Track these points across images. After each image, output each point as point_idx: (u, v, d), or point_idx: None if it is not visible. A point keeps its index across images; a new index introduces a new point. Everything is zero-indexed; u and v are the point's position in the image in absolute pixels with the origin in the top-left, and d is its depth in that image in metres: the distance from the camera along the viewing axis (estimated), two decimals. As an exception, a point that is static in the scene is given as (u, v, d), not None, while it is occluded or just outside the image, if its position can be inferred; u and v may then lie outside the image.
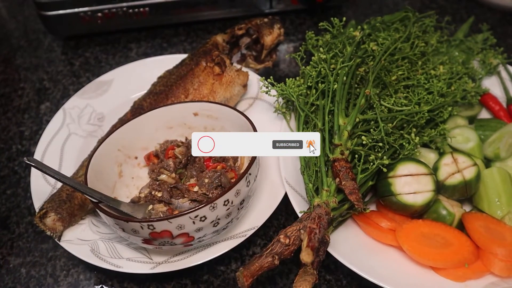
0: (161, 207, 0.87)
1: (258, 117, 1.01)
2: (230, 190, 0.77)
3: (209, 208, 0.76)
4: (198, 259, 0.84)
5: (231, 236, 0.87)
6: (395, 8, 1.41)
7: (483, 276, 0.81)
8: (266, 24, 1.12)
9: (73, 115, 1.10)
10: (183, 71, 1.06)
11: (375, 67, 0.92)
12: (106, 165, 0.91)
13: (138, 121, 0.94)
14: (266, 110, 1.06)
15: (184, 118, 0.97)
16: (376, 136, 0.84)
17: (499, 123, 0.99)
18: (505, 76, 1.10)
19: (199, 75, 1.04)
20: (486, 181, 0.89)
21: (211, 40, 1.11)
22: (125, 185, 0.95)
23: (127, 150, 0.96)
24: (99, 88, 1.15)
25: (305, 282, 0.71)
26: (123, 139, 0.94)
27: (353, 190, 0.76)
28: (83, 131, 1.07)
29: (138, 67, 1.17)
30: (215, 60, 1.05)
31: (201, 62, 1.05)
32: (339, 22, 1.03)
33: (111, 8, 1.25)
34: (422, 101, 0.92)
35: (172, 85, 1.04)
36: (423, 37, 1.05)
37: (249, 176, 0.80)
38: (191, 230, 0.77)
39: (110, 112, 1.11)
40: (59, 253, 0.92)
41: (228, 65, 1.05)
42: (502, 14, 1.39)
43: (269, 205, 0.90)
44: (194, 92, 1.03)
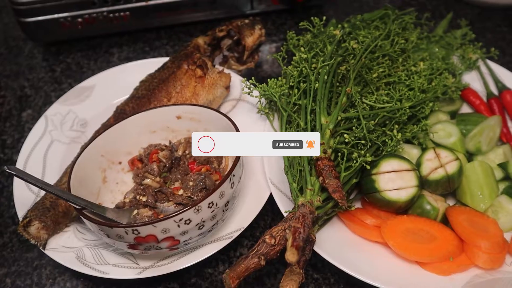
0: (146, 211, 0.87)
1: (241, 119, 1.01)
2: (214, 192, 0.77)
3: (193, 211, 0.75)
4: (184, 263, 0.84)
5: (217, 238, 0.87)
6: (375, 6, 1.42)
7: (467, 269, 0.82)
8: (247, 25, 1.12)
9: (55, 122, 1.09)
10: (165, 74, 1.05)
11: (356, 65, 0.92)
12: (90, 171, 0.91)
13: (120, 126, 0.94)
14: (249, 111, 1.06)
15: (167, 121, 0.97)
16: (359, 134, 0.84)
17: (480, 117, 1.00)
18: (484, 71, 1.11)
19: (181, 78, 1.04)
20: (469, 175, 0.90)
21: (192, 43, 1.10)
22: (109, 190, 0.95)
23: (111, 155, 0.95)
24: (81, 94, 1.14)
25: (292, 281, 0.71)
26: (106, 145, 0.93)
27: (337, 188, 0.76)
28: (66, 137, 1.07)
29: (120, 72, 1.17)
30: (197, 62, 1.05)
31: (183, 65, 1.05)
32: (319, 22, 1.04)
33: (91, 13, 1.24)
34: (404, 97, 0.93)
35: (154, 89, 1.04)
36: (403, 34, 1.06)
37: (233, 178, 0.80)
38: (176, 233, 0.77)
39: (93, 118, 1.10)
40: (44, 262, 0.92)
41: (210, 67, 1.05)
42: (481, 9, 1.40)
43: (255, 206, 0.90)
44: (176, 95, 1.03)
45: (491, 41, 1.31)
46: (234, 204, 0.86)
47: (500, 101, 1.06)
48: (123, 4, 1.25)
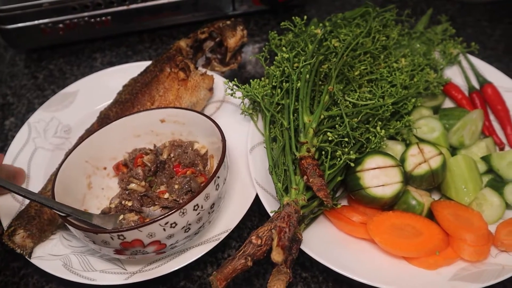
0: (132, 216, 0.87)
1: (226, 120, 1.02)
2: (199, 195, 0.77)
3: (179, 214, 0.75)
4: (172, 266, 0.84)
5: (204, 241, 0.87)
6: (357, 4, 1.43)
7: (454, 263, 0.83)
8: (229, 27, 1.11)
9: (38, 129, 1.08)
10: (147, 78, 1.05)
11: (338, 63, 0.93)
12: (74, 177, 0.90)
13: (104, 132, 0.93)
14: (233, 112, 1.06)
15: (151, 125, 0.97)
16: (342, 132, 0.85)
17: (462, 112, 1.01)
18: (465, 65, 1.12)
19: (164, 81, 1.04)
20: (453, 169, 0.91)
21: (174, 46, 1.10)
22: (95, 196, 0.94)
23: (95, 161, 0.95)
24: (65, 100, 1.13)
25: (279, 281, 0.71)
26: (90, 150, 0.93)
27: (321, 186, 0.76)
28: (49, 144, 1.06)
29: (103, 77, 1.16)
30: (179, 65, 1.05)
31: (165, 68, 1.05)
32: (300, 21, 1.04)
33: (72, 18, 1.23)
34: (386, 94, 0.93)
35: (137, 93, 1.03)
36: (384, 31, 1.07)
37: (217, 180, 0.80)
38: (162, 237, 0.77)
39: (77, 123, 1.09)
40: (31, 271, 0.91)
41: (192, 69, 1.05)
42: (461, 4, 1.42)
43: (241, 207, 0.90)
44: (160, 98, 1.03)
45: (471, 35, 1.32)
46: (220, 206, 0.86)
47: (481, 95, 1.07)
48: (104, 8, 1.24)
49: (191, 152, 0.93)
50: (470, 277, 0.79)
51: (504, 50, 1.29)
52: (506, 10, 1.40)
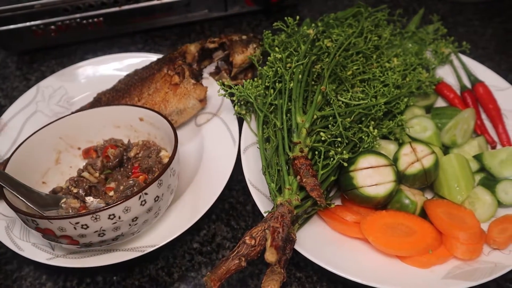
0: (74, 203, 0.87)
1: (210, 134, 1.03)
2: (116, 206, 0.76)
3: (91, 218, 0.75)
4: (97, 261, 0.84)
5: (136, 248, 0.86)
6: (349, 4, 1.44)
7: (447, 261, 0.83)
8: (241, 42, 1.09)
9: (45, 94, 1.12)
10: (146, 73, 1.06)
11: (330, 63, 0.93)
12: (42, 149, 0.93)
13: (86, 114, 0.96)
14: (219, 128, 1.03)
15: (130, 120, 0.98)
16: (335, 132, 0.85)
17: (454, 111, 1.02)
18: (457, 65, 1.13)
19: (158, 81, 1.04)
20: (445, 167, 0.91)
21: (182, 48, 1.09)
22: (60, 172, 0.96)
23: (71, 139, 0.97)
24: (78, 73, 1.18)
25: (273, 281, 0.71)
26: (68, 129, 0.96)
27: (314, 186, 0.76)
28: (50, 111, 1.10)
29: (123, 59, 1.19)
30: (176, 69, 1.04)
31: (163, 69, 1.05)
32: (293, 21, 1.04)
33: (64, 20, 1.23)
34: (379, 93, 0.93)
35: (131, 85, 1.05)
36: (376, 31, 1.07)
37: (144, 196, 0.78)
38: (73, 234, 0.77)
39: (82, 98, 1.13)
40: (24, 273, 0.90)
41: (186, 77, 1.04)
42: (452, 4, 1.42)
43: (180, 226, 0.88)
44: (147, 97, 1.03)
45: (463, 35, 1.33)
46: (153, 220, 0.85)
47: (473, 94, 1.08)
48: (96, 10, 1.24)
49: (154, 158, 0.92)
50: (463, 275, 0.80)
51: (495, 49, 1.30)
52: (497, 9, 1.41)
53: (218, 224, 0.97)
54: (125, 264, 0.90)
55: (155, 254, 0.92)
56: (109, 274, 0.89)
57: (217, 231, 0.95)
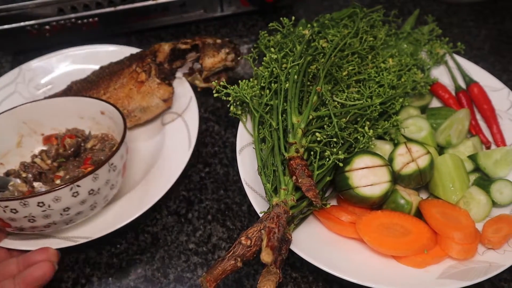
0: (22, 186, 0.90)
1: (171, 135, 1.04)
2: (46, 194, 0.77)
3: (19, 203, 0.77)
4: (25, 245, 0.85)
5: (69, 237, 0.87)
6: (345, 5, 1.44)
7: (442, 261, 0.83)
8: (213, 46, 1.09)
9: (26, 76, 1.14)
10: (117, 68, 1.07)
11: (326, 64, 0.93)
12: (4, 131, 0.96)
13: (51, 103, 0.98)
14: (180, 130, 1.04)
15: (93, 113, 0.99)
16: (330, 132, 0.85)
17: (449, 111, 1.02)
18: (452, 65, 1.13)
19: (125, 76, 1.05)
20: (440, 168, 0.91)
21: (155, 46, 1.10)
22: (20, 155, 0.99)
23: (34, 125, 0.99)
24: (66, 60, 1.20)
25: (269, 282, 0.71)
26: (32, 114, 0.98)
27: (310, 187, 0.77)
28: (28, 93, 1.12)
29: (118, 52, 1.19)
30: (145, 67, 1.04)
31: (132, 65, 1.06)
32: (288, 22, 1.04)
33: (59, 20, 1.22)
34: (374, 94, 0.94)
35: (101, 78, 1.06)
36: (372, 32, 1.07)
37: (76, 188, 0.79)
38: (4, 217, 0.79)
39: (62, 84, 1.14)
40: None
41: (152, 75, 1.04)
42: (447, 5, 1.43)
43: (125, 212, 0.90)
44: (112, 91, 1.04)
45: (457, 36, 1.33)
46: (92, 210, 0.86)
47: (468, 94, 1.08)
48: (91, 10, 1.24)
49: (107, 151, 0.95)
50: (458, 275, 0.80)
51: (489, 50, 1.30)
52: (491, 10, 1.42)
53: (214, 224, 0.96)
54: (121, 264, 0.90)
55: (150, 254, 0.92)
56: (105, 275, 0.89)
57: (213, 231, 0.95)
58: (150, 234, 0.95)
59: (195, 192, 1.02)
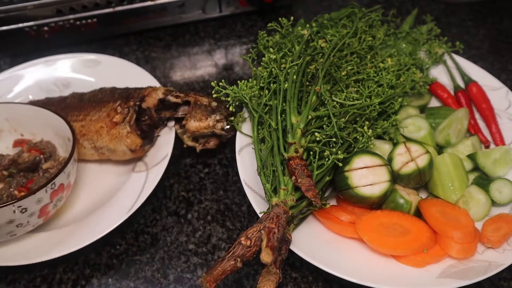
0: None
1: (128, 185, 0.96)
2: None
3: None
4: None
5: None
6: (344, 5, 1.44)
7: (441, 260, 0.83)
8: (205, 108, 0.98)
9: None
10: (103, 97, 1.04)
11: (325, 64, 0.93)
12: None
13: (33, 110, 0.99)
14: (137, 183, 0.96)
15: (65, 134, 0.96)
16: (330, 132, 0.85)
17: (448, 110, 1.02)
18: (451, 65, 1.14)
19: (104, 111, 1.00)
20: (439, 167, 0.91)
21: (147, 90, 1.02)
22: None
23: (16, 124, 1.02)
24: (89, 65, 1.19)
25: (269, 282, 0.71)
26: (15, 114, 1.00)
27: (310, 187, 0.77)
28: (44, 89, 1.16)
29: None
30: (124, 109, 0.98)
31: (117, 101, 1.01)
32: (287, 22, 1.04)
33: (57, 21, 1.22)
34: (373, 94, 0.94)
35: (89, 102, 1.03)
36: (370, 32, 1.08)
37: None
38: None
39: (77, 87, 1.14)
40: (17, 276, 0.90)
41: (126, 121, 0.97)
42: (446, 4, 1.43)
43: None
44: (88, 121, 1.00)
45: (456, 35, 1.34)
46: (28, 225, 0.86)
47: (467, 94, 1.08)
48: (89, 11, 1.24)
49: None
50: (458, 274, 0.80)
51: (488, 49, 1.31)
52: (490, 10, 1.42)
53: (214, 225, 0.96)
54: (121, 265, 0.90)
55: (150, 255, 0.92)
56: (104, 276, 0.89)
57: (213, 232, 0.95)
58: (150, 235, 0.95)
59: (195, 193, 1.02)
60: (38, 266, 0.87)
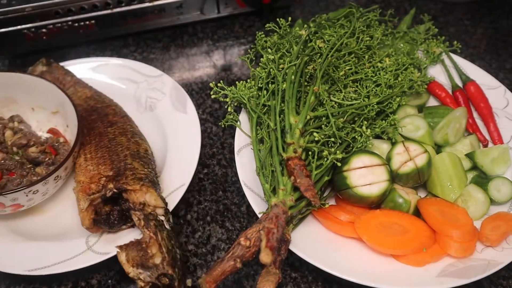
0: None
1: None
2: None
3: None
4: None
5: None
6: (342, 5, 1.44)
7: (441, 259, 0.84)
8: (143, 253, 0.81)
9: None
10: (112, 156, 0.94)
11: (323, 64, 0.93)
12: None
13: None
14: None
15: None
16: (328, 132, 0.85)
17: (446, 110, 1.02)
18: (448, 64, 1.14)
19: (95, 171, 0.91)
20: (438, 166, 0.92)
21: (143, 187, 0.86)
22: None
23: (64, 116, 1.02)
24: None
25: (268, 282, 0.71)
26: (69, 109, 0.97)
27: (308, 187, 0.77)
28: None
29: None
30: (99, 185, 0.87)
31: (108, 171, 0.90)
32: (285, 22, 1.05)
33: (56, 23, 1.22)
34: (371, 93, 0.94)
35: (102, 145, 0.96)
36: (368, 32, 1.08)
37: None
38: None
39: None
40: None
41: (89, 198, 0.86)
42: (443, 4, 1.43)
43: None
44: (83, 164, 0.94)
45: (454, 34, 1.34)
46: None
47: (464, 93, 1.09)
48: (88, 12, 1.23)
49: (25, 170, 0.95)
50: (457, 273, 0.80)
51: (485, 48, 1.31)
52: (487, 9, 1.42)
53: (213, 225, 0.97)
54: (120, 266, 0.90)
55: (150, 256, 0.91)
56: (104, 278, 0.89)
57: (212, 232, 0.96)
58: (149, 236, 0.95)
59: (194, 194, 1.02)
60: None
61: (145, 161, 0.93)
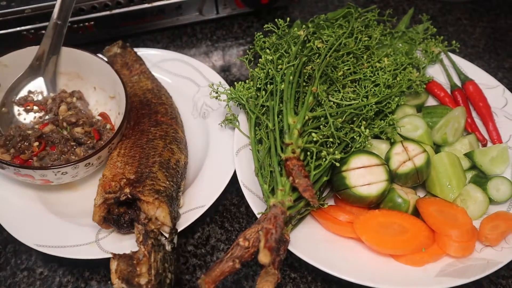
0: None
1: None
2: None
3: None
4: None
5: None
6: (340, 5, 1.44)
7: (440, 259, 0.84)
8: (132, 269, 0.79)
9: None
10: (158, 143, 0.95)
11: (321, 64, 0.93)
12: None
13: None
14: None
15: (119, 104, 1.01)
16: (327, 132, 0.86)
17: (445, 109, 1.02)
18: (447, 63, 1.14)
19: (121, 167, 0.91)
20: (437, 166, 0.92)
21: (158, 202, 0.84)
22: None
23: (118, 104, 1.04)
24: None
25: (267, 283, 0.71)
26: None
27: (307, 187, 0.77)
28: None
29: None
30: (116, 186, 0.86)
31: (130, 174, 0.89)
32: (283, 23, 1.05)
33: (55, 24, 1.22)
34: (370, 93, 0.94)
35: (142, 143, 0.95)
36: (366, 32, 1.08)
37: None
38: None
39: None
40: (18, 280, 0.90)
41: (104, 196, 0.86)
42: (442, 3, 1.43)
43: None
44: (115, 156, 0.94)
45: (452, 34, 1.34)
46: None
47: (463, 92, 1.09)
48: (87, 14, 1.24)
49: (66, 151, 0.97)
50: (456, 273, 0.80)
51: (484, 48, 1.31)
52: (486, 8, 1.42)
53: (212, 226, 0.97)
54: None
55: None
56: (104, 279, 0.89)
57: (211, 233, 0.96)
58: (149, 237, 0.95)
59: (193, 194, 1.02)
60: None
61: (171, 172, 0.91)
